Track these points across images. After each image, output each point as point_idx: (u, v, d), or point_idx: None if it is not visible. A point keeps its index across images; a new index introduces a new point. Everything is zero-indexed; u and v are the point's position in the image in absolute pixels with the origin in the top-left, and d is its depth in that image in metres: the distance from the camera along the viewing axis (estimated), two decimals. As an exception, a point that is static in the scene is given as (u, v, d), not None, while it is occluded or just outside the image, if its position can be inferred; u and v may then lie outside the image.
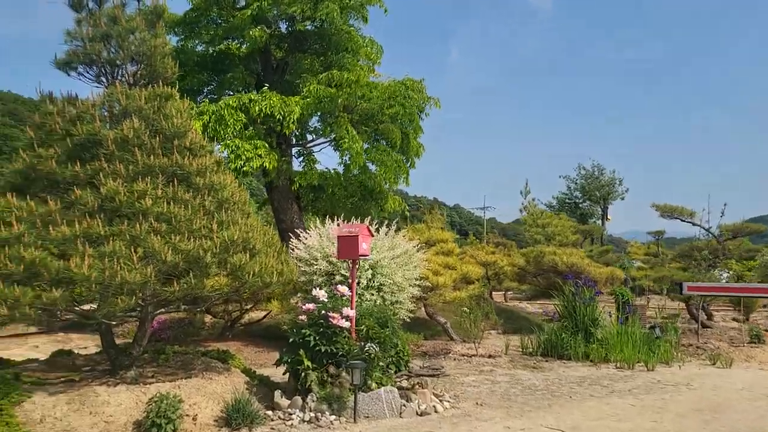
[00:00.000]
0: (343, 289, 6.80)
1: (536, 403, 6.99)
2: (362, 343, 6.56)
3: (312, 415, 5.91)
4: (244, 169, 12.65)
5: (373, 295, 9.11)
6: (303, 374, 6.22)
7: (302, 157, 16.02)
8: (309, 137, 16.21)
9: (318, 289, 6.79)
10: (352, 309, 6.65)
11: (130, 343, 6.74)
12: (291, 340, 6.45)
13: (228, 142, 12.71)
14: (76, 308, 5.64)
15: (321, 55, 15.51)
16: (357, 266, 7.37)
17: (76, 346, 9.90)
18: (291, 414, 5.95)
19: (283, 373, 6.79)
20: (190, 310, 9.03)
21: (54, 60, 6.56)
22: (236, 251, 5.91)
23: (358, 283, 8.71)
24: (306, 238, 9.86)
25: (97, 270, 5.01)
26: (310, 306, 6.50)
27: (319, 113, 13.97)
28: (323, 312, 6.45)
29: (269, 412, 6.08)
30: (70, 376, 6.20)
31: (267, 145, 13.36)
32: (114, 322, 6.38)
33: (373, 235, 7.84)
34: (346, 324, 6.40)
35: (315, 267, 9.22)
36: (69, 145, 5.88)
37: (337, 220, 10.22)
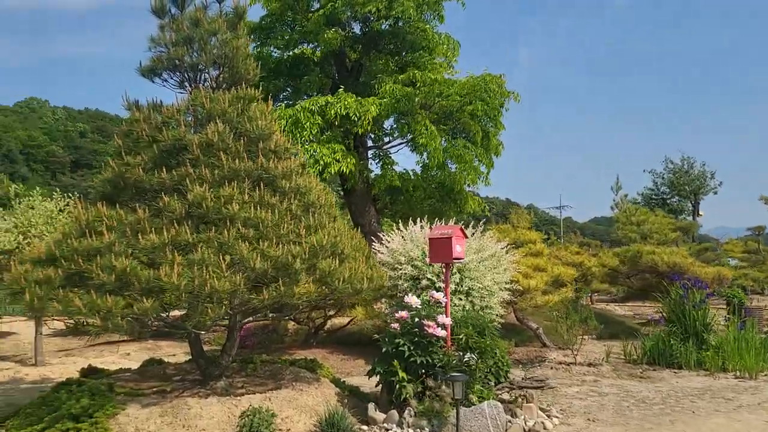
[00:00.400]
0: (438, 295, 6.35)
1: (656, 419, 6.26)
2: (460, 353, 6.09)
3: (410, 431, 5.49)
4: (324, 175, 12.48)
5: (461, 300, 8.61)
6: (398, 387, 5.81)
7: (378, 159, 15.77)
8: (385, 139, 15.94)
9: (409, 295, 6.38)
10: (447, 316, 6.19)
11: (219, 352, 6.59)
12: (384, 349, 6.05)
13: (306, 146, 12.59)
14: (166, 317, 5.51)
15: (396, 55, 15.20)
16: (451, 270, 6.89)
17: (166, 354, 9.99)
18: (388, 430, 5.55)
19: (376, 385, 6.41)
20: (276, 317, 8.87)
21: (138, 67, 6.52)
22: (325, 256, 5.61)
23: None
24: (389, 242, 9.48)
25: (187, 278, 4.83)
26: (404, 314, 6.08)
27: (396, 113, 13.62)
28: (417, 320, 6.02)
29: (364, 427, 5.72)
30: (162, 386, 6.10)
31: (344, 147, 13.15)
32: (203, 332, 6.23)
33: (466, 237, 7.34)
34: (442, 333, 5.94)
35: (400, 271, 8.82)
36: (155, 152, 5.77)
37: (420, 221, 9.79)
